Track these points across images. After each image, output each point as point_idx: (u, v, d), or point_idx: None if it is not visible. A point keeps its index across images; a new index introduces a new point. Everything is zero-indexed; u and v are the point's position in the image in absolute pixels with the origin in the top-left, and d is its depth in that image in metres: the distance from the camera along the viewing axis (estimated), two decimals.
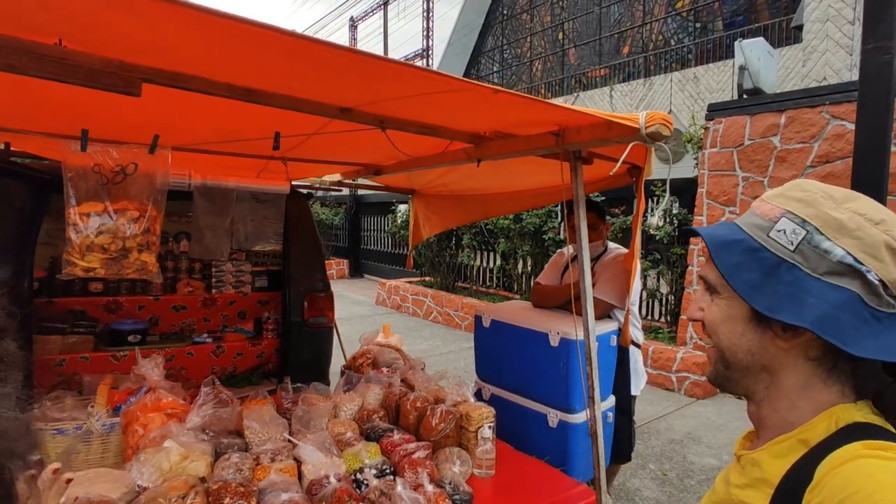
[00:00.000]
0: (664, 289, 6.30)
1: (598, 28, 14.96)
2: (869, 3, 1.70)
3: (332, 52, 1.09)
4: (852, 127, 4.55)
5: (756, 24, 10.80)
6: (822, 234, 0.63)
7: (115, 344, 3.06)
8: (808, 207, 0.66)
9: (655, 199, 6.04)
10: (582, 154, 1.68)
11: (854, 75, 7.39)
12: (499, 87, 1.12)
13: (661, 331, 6.17)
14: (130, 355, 3.01)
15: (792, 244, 0.65)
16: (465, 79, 1.10)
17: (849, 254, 0.62)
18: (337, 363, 3.84)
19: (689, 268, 5.68)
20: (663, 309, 6.39)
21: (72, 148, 1.41)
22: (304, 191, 3.77)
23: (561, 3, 16.20)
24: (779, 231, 0.66)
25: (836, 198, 0.66)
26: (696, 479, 3.55)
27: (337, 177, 3.79)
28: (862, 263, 0.61)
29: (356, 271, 13.89)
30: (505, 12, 17.72)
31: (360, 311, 9.33)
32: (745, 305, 0.69)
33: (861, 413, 0.65)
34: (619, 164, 1.39)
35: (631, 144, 1.36)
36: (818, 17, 7.65)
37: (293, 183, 3.48)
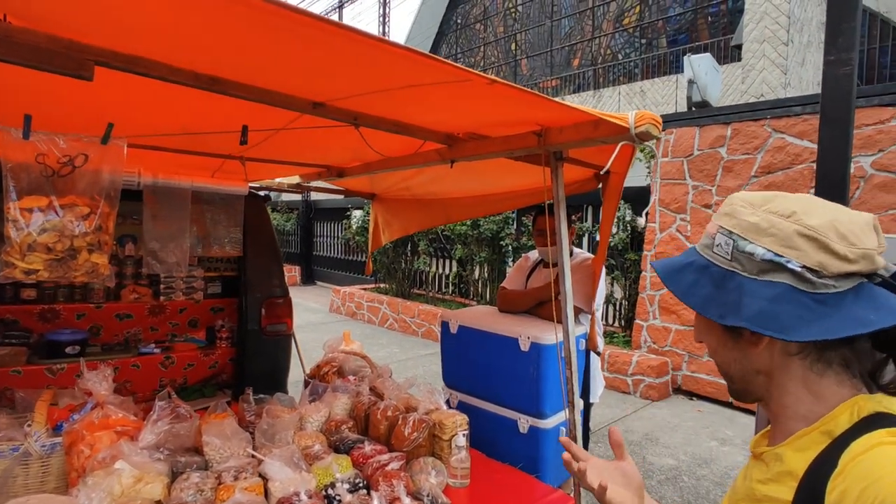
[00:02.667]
0: (618, 294, 6.45)
1: (550, 40, 15.34)
2: (830, 16, 1.78)
3: (321, 28, 1.00)
4: (792, 140, 4.84)
5: (697, 43, 11.37)
6: (745, 238, 0.69)
7: (50, 356, 2.80)
8: (732, 219, 0.72)
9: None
10: (563, 155, 1.66)
11: (788, 93, 7.88)
12: (495, 78, 1.08)
13: (616, 335, 6.31)
14: (69, 368, 2.77)
15: (728, 255, 0.71)
16: (463, 67, 1.05)
17: (768, 250, 0.67)
18: (294, 373, 3.69)
19: (643, 273, 5.84)
20: (618, 314, 6.55)
21: (13, 135, 1.25)
22: (262, 193, 3.61)
23: (514, 14, 16.53)
24: (717, 245, 0.73)
25: (754, 203, 0.71)
26: (656, 479, 3.61)
27: (296, 179, 3.65)
28: (781, 256, 0.66)
29: (308, 278, 13.55)
30: (459, 21, 17.90)
31: (313, 318, 9.07)
32: (717, 327, 0.75)
33: (882, 403, 0.66)
34: (610, 161, 1.38)
35: (620, 144, 1.35)
36: (756, 37, 8.11)
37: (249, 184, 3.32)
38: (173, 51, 1.30)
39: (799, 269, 0.65)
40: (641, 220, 5.57)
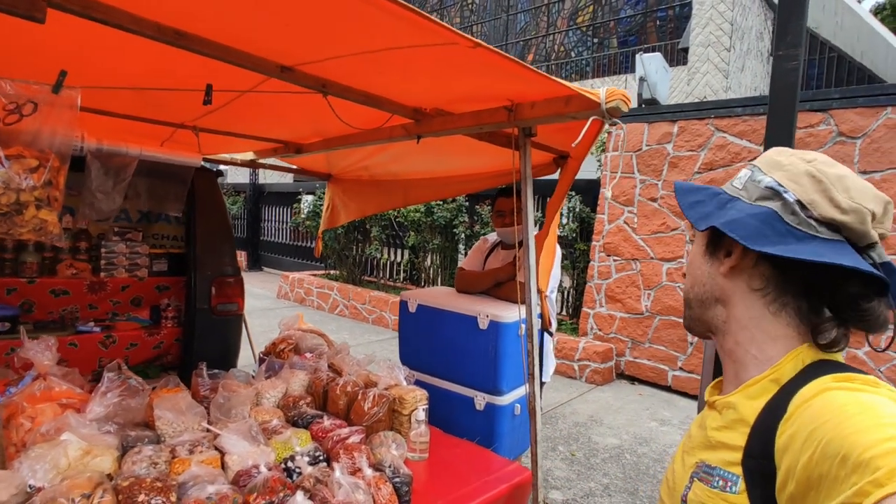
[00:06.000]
0: (567, 283, 6.64)
1: (505, 34, 15.46)
2: (780, 14, 1.90)
3: None
4: (732, 139, 5.12)
5: (646, 45, 11.78)
6: (762, 171, 0.75)
7: None
8: (762, 158, 0.78)
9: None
10: (532, 131, 1.69)
11: (729, 96, 8.30)
12: (479, 41, 1.09)
13: (563, 323, 6.50)
14: None
15: (742, 184, 0.77)
16: (451, 28, 1.05)
17: (775, 181, 0.72)
18: (244, 358, 3.58)
19: (591, 263, 6.04)
20: (566, 302, 6.74)
21: None
22: (215, 167, 3.47)
23: (470, 6, 16.55)
24: (737, 178, 0.79)
25: (790, 152, 0.76)
26: (600, 457, 3.77)
27: (250, 155, 3.53)
28: (782, 186, 0.71)
29: (255, 264, 13.14)
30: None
31: (260, 304, 8.82)
32: (703, 242, 0.81)
33: (824, 352, 0.71)
34: (581, 134, 1.41)
35: (590, 119, 1.40)
36: (701, 41, 8.50)
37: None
38: None
39: (791, 201, 0.69)
40: (608, 192, 5.79)
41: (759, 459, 0.65)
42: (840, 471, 0.54)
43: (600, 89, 1.33)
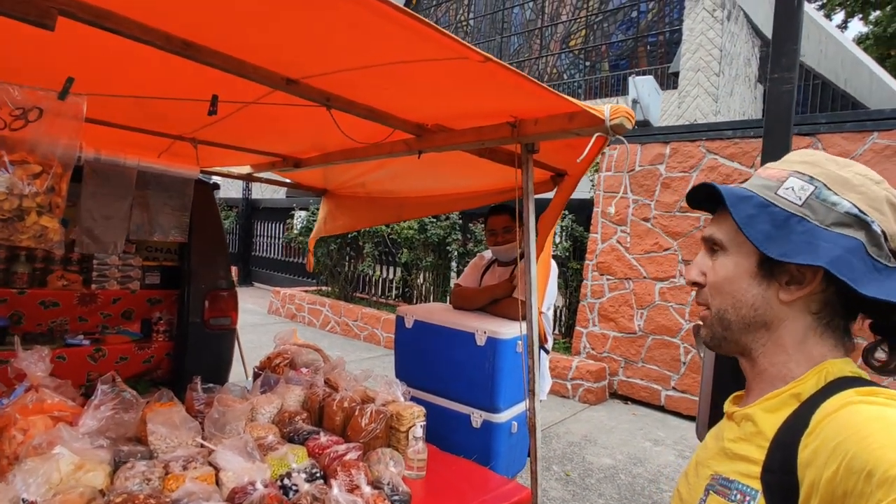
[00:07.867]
0: (559, 302, 6.64)
1: (499, 55, 15.71)
2: (776, 38, 1.95)
3: None
4: (723, 161, 5.20)
5: (637, 69, 12.02)
6: (830, 189, 0.69)
7: None
8: (815, 167, 0.71)
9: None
10: (535, 147, 1.71)
11: (717, 119, 8.47)
12: (489, 56, 1.10)
13: (557, 342, 6.49)
14: None
15: (800, 199, 0.70)
16: (462, 42, 1.06)
17: (854, 206, 0.68)
18: (234, 375, 3.52)
19: (585, 282, 6.05)
20: (559, 321, 6.73)
21: None
22: (210, 179, 3.46)
23: (465, 28, 16.84)
24: (787, 188, 0.71)
25: (838, 162, 0.72)
26: (595, 477, 3.73)
27: (247, 169, 3.53)
28: (866, 215, 0.67)
29: (246, 279, 13.03)
30: None
31: (251, 319, 8.72)
32: (751, 261, 0.74)
33: (847, 367, 0.70)
34: (586, 150, 1.43)
35: (595, 136, 1.41)
36: (691, 66, 8.69)
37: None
38: (146, 7, 1.24)
39: (878, 232, 0.67)
40: (611, 209, 5.76)
41: (780, 474, 0.64)
42: (865, 487, 0.53)
43: (605, 106, 1.36)
